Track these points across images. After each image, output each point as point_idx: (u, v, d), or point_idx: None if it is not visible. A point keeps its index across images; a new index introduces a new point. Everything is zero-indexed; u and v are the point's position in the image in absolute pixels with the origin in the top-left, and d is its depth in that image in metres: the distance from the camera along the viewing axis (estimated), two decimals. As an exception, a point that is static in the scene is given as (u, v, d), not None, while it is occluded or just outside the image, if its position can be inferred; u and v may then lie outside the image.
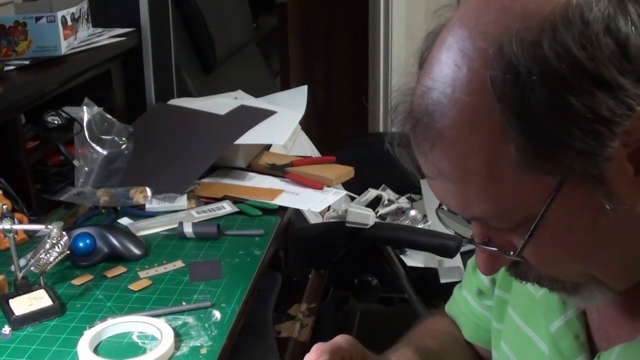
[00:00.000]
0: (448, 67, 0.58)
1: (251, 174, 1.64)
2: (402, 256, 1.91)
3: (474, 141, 0.57)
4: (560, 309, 0.75)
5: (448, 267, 1.82)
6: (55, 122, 1.54)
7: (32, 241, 1.30)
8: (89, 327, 1.05)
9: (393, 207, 2.16)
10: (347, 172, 1.65)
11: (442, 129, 0.58)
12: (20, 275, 1.12)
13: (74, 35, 1.53)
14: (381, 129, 3.03)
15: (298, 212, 1.76)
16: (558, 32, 0.54)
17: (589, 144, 0.55)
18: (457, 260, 1.79)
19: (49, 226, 1.10)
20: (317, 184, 1.56)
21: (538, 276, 0.66)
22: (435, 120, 0.59)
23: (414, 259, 1.93)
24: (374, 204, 2.16)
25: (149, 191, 1.47)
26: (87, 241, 1.25)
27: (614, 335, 0.70)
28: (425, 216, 2.11)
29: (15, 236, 1.14)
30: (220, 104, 1.81)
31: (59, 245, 1.10)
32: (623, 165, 0.56)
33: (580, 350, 0.72)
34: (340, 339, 0.82)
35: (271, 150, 1.82)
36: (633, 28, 0.55)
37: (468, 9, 0.60)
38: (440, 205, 0.68)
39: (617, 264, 0.63)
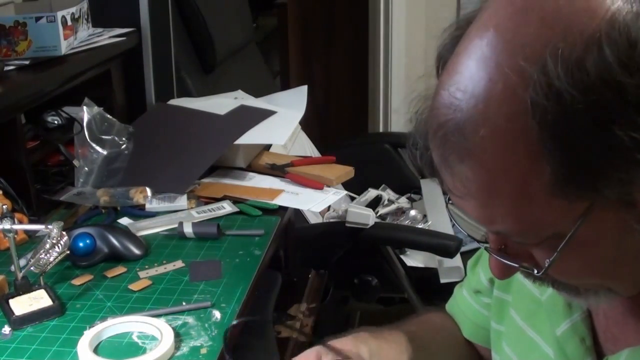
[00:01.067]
0: (481, 79, 0.55)
1: (251, 174, 1.64)
2: (402, 256, 1.92)
3: (507, 163, 0.55)
4: (565, 312, 0.75)
5: (448, 267, 1.82)
6: (55, 122, 1.54)
7: (32, 241, 1.30)
8: (89, 327, 1.05)
9: (393, 207, 2.16)
10: (347, 172, 1.65)
11: (473, 146, 0.55)
12: (20, 275, 1.12)
13: (74, 35, 1.53)
14: (381, 129, 3.03)
15: (298, 212, 1.76)
16: (603, 54, 0.51)
17: (627, 173, 0.53)
18: (457, 260, 1.79)
19: (49, 226, 1.10)
20: (317, 184, 1.56)
21: (554, 281, 0.66)
22: (466, 137, 0.56)
23: (414, 259, 1.93)
24: (374, 204, 2.16)
25: (149, 191, 1.47)
26: (87, 241, 1.25)
27: (621, 339, 0.69)
28: (425, 216, 2.11)
29: (15, 236, 1.14)
30: (220, 104, 1.81)
31: (59, 245, 1.10)
32: None
33: (586, 354, 0.72)
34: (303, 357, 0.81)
35: (271, 150, 1.82)
36: None
37: (503, 14, 0.56)
38: (449, 199, 0.65)
39: (634, 276, 0.63)
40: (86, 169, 1.51)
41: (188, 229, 1.35)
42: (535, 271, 0.62)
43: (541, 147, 0.53)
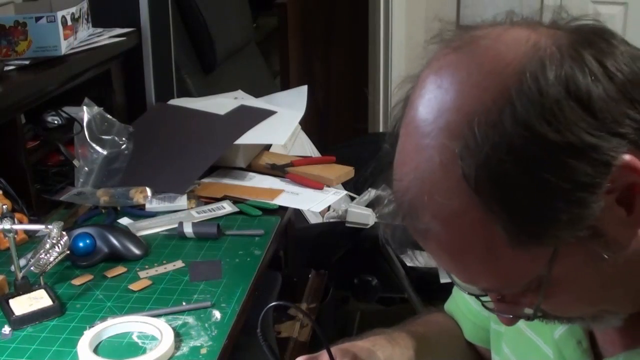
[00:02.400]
0: (421, 162, 0.58)
1: (251, 174, 1.64)
2: (402, 256, 1.91)
3: (463, 232, 0.57)
4: None
5: (448, 267, 1.81)
6: (55, 122, 1.54)
7: (32, 241, 1.30)
8: (89, 327, 1.05)
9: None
10: (347, 172, 1.65)
11: (428, 225, 0.58)
12: (20, 275, 1.12)
13: (74, 35, 1.53)
14: (381, 129, 3.03)
15: (298, 212, 1.76)
16: (517, 111, 0.53)
17: (574, 212, 0.54)
18: (457, 260, 1.79)
19: (49, 226, 1.10)
20: (317, 184, 1.56)
21: (557, 317, 0.67)
22: (420, 218, 0.59)
23: (414, 259, 1.92)
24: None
25: (149, 191, 1.47)
26: (87, 241, 1.25)
27: (618, 342, 0.70)
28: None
29: (15, 236, 1.14)
30: (220, 104, 1.81)
31: (59, 245, 1.10)
32: (613, 211, 0.56)
33: (583, 356, 0.72)
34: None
35: (271, 150, 1.82)
36: (592, 78, 0.54)
37: (426, 96, 0.59)
38: None
39: (628, 295, 0.64)
40: (86, 169, 1.51)
41: (188, 229, 1.34)
42: (527, 317, 0.64)
43: (486, 210, 0.55)
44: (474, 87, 0.56)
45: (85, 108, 1.53)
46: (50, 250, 1.10)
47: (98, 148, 1.53)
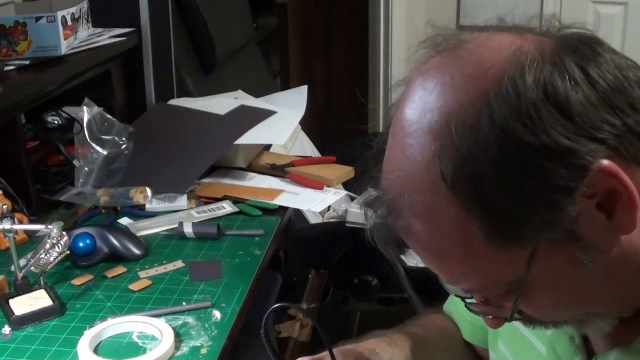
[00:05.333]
0: (403, 159, 0.59)
1: (251, 174, 1.64)
2: (402, 256, 1.91)
3: (441, 230, 0.59)
4: None
5: (448, 267, 1.82)
6: (55, 122, 1.54)
7: (32, 241, 1.30)
8: (89, 327, 1.05)
9: (393, 207, 2.16)
10: (347, 172, 1.65)
11: (410, 221, 0.60)
12: (20, 275, 1.12)
13: (74, 35, 1.53)
14: (381, 129, 3.03)
15: (298, 212, 1.76)
16: (494, 113, 0.54)
17: (549, 214, 0.55)
18: (457, 260, 1.79)
19: (49, 226, 1.10)
20: (317, 184, 1.56)
21: (542, 322, 0.67)
22: (402, 214, 0.60)
23: (414, 259, 1.92)
24: (374, 204, 2.15)
25: (149, 191, 1.47)
26: (87, 241, 1.25)
27: (610, 339, 0.70)
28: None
29: (15, 236, 1.14)
30: (220, 104, 1.81)
31: (59, 245, 1.10)
32: (594, 215, 0.56)
33: (576, 353, 0.73)
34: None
35: (271, 150, 1.82)
36: (572, 83, 0.55)
37: (412, 98, 0.60)
38: None
39: (612, 298, 0.64)
40: (86, 169, 1.51)
41: (188, 229, 1.34)
42: (506, 318, 0.65)
43: (464, 210, 0.56)
44: (455, 89, 0.57)
45: (85, 108, 1.53)
46: (50, 250, 1.10)
47: (98, 148, 1.53)
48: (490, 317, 0.67)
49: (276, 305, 0.86)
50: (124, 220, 1.42)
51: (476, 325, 0.97)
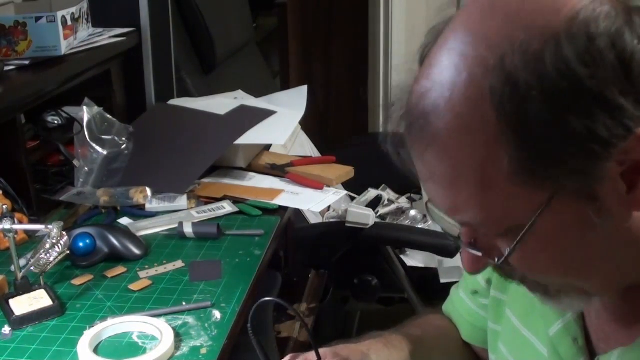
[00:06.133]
0: (448, 69, 0.58)
1: (251, 174, 1.64)
2: (402, 256, 1.91)
3: (468, 148, 0.57)
4: (558, 312, 0.75)
5: (448, 267, 1.82)
6: (55, 122, 1.54)
7: (32, 241, 1.30)
8: (89, 327, 1.05)
9: (393, 207, 2.16)
10: (347, 172, 1.65)
11: (437, 132, 0.58)
12: (20, 275, 1.12)
13: (74, 35, 1.53)
14: (381, 129, 3.03)
15: (298, 212, 1.76)
16: (561, 47, 0.53)
17: (583, 162, 0.54)
18: (457, 260, 1.79)
19: (49, 226, 1.10)
20: (317, 184, 1.56)
21: (523, 278, 0.66)
22: (431, 122, 0.58)
23: (414, 259, 1.93)
24: (374, 204, 2.15)
25: (149, 191, 1.47)
26: (87, 241, 1.25)
27: (612, 339, 0.70)
28: (425, 216, 2.11)
29: (15, 236, 1.14)
30: (220, 104, 1.81)
31: (59, 245, 1.10)
32: (616, 182, 0.56)
33: (579, 354, 0.72)
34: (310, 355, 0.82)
35: (271, 150, 1.82)
36: (637, 42, 0.54)
37: (473, 11, 0.60)
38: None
39: (602, 277, 0.64)
40: (86, 169, 1.51)
41: (188, 229, 1.35)
42: (497, 259, 0.63)
43: (499, 133, 0.55)
44: (527, 14, 0.56)
45: (85, 108, 1.53)
46: (50, 250, 1.10)
47: (98, 148, 1.53)
48: (475, 256, 0.64)
49: (263, 299, 0.85)
50: (124, 220, 1.42)
51: (475, 326, 0.97)
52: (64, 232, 1.11)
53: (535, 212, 0.57)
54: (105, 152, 1.53)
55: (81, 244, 1.24)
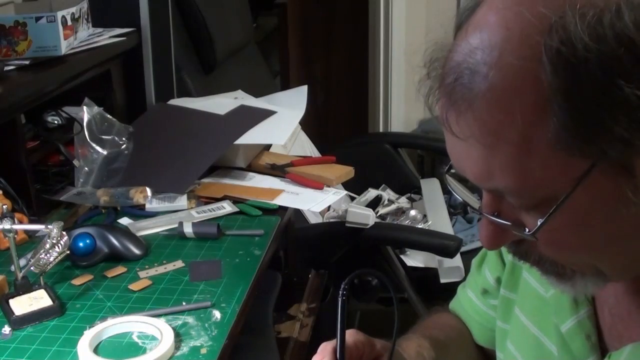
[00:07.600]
0: (499, 28, 0.56)
1: (251, 174, 1.64)
2: (402, 256, 1.92)
3: (514, 108, 0.55)
4: (571, 309, 0.75)
5: (448, 267, 1.82)
6: (55, 122, 1.54)
7: (32, 241, 1.30)
8: (89, 327, 1.05)
9: (393, 207, 2.16)
10: (347, 172, 1.65)
11: (483, 90, 0.56)
12: (20, 275, 1.12)
13: (74, 35, 1.53)
14: (381, 129, 3.03)
15: (298, 212, 1.76)
16: (621, 12, 0.53)
17: (630, 132, 0.53)
18: (457, 260, 1.79)
19: (49, 226, 1.10)
20: (317, 184, 1.56)
21: (539, 258, 0.65)
22: (477, 80, 0.56)
23: (414, 259, 1.93)
24: (374, 204, 2.16)
25: (149, 191, 1.47)
26: (87, 241, 1.25)
27: (625, 335, 0.69)
28: (425, 216, 2.11)
29: (15, 236, 1.14)
30: (220, 104, 1.81)
31: (59, 245, 1.10)
32: None
33: (592, 351, 0.72)
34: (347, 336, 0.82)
35: (271, 150, 1.82)
36: None
37: None
38: (449, 168, 0.66)
39: (625, 259, 0.63)
40: (86, 169, 1.51)
41: (188, 229, 1.35)
42: (527, 230, 0.61)
43: (550, 95, 0.54)
44: None
45: (85, 108, 1.53)
46: (50, 250, 1.10)
47: (98, 148, 1.53)
48: (497, 230, 0.62)
49: (358, 271, 0.82)
50: (124, 220, 1.42)
51: (485, 327, 0.96)
52: (64, 232, 1.11)
53: (573, 182, 0.56)
54: (105, 152, 1.53)
55: (81, 244, 1.24)
